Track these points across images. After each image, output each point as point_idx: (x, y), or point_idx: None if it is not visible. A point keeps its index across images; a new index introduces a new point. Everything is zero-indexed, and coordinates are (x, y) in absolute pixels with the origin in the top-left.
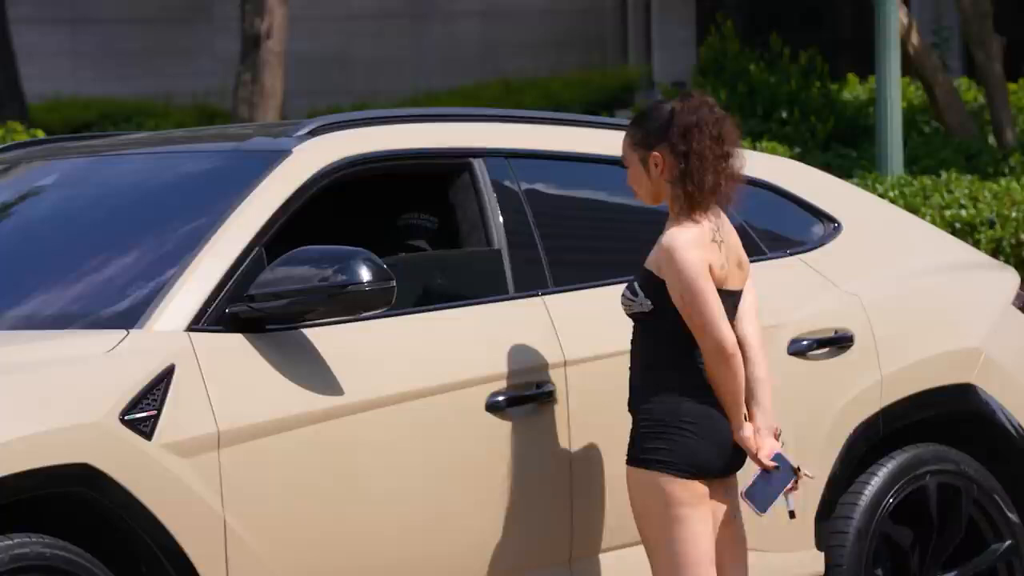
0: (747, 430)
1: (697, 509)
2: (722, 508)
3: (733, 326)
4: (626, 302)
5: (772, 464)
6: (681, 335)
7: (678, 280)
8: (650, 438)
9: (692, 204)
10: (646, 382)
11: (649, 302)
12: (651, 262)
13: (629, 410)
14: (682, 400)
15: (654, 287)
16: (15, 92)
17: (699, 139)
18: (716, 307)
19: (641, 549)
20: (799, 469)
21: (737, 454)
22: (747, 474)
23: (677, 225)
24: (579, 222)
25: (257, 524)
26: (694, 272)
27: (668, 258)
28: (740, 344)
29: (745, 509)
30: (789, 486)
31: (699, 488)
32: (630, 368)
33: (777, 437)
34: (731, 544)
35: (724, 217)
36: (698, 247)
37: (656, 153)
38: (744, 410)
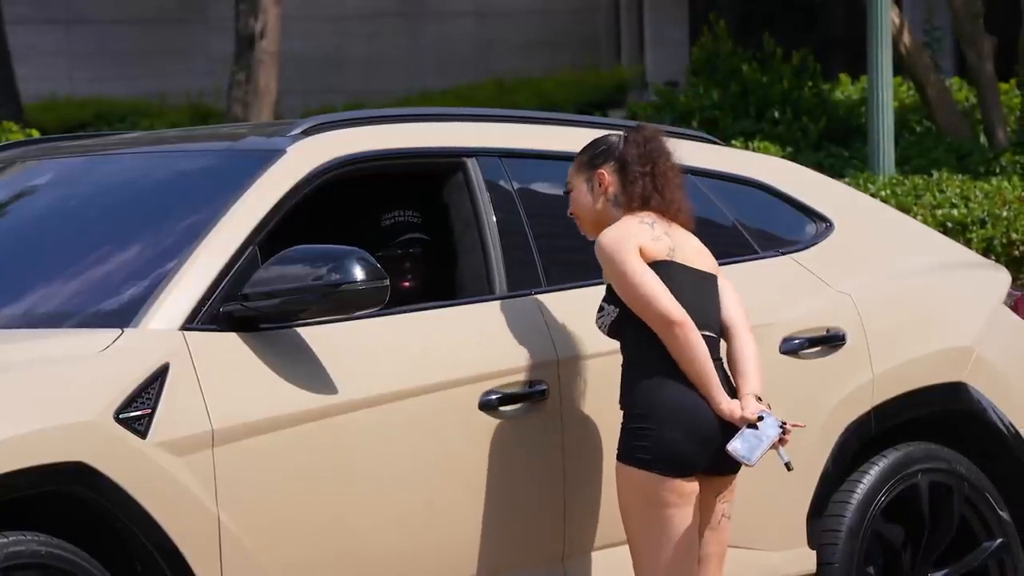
0: (725, 403)
1: (681, 509)
2: (711, 510)
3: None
4: (599, 322)
5: (754, 417)
6: (652, 330)
7: (609, 270)
8: (634, 434)
9: (643, 208)
10: (629, 378)
11: (614, 307)
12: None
13: (620, 406)
14: (662, 392)
15: (613, 293)
16: (11, 92)
17: (662, 160)
18: (651, 281)
19: None
20: (786, 423)
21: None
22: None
23: None
24: (572, 222)
25: (251, 522)
26: (620, 255)
27: (599, 256)
28: (724, 328)
29: (740, 502)
30: (777, 440)
31: (683, 488)
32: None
33: (759, 401)
34: (714, 548)
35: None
36: (620, 232)
37: (600, 171)
38: (718, 385)
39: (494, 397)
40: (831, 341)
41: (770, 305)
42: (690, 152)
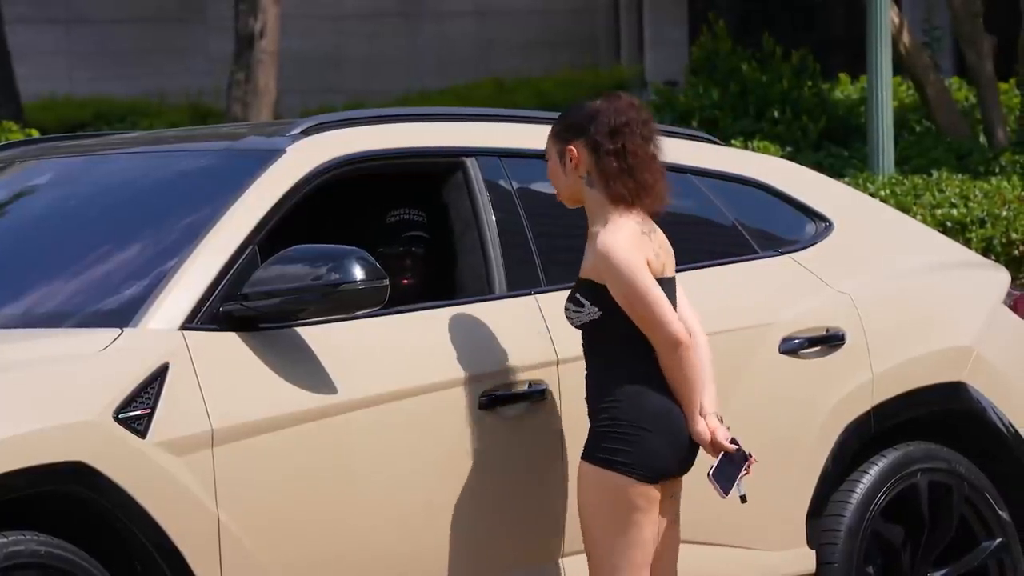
0: (700, 424)
1: (649, 515)
2: (667, 511)
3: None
4: (572, 314)
5: (733, 447)
6: (635, 334)
7: (619, 282)
8: (611, 438)
9: (629, 202)
10: (605, 381)
11: (597, 309)
12: (588, 270)
13: (588, 407)
14: (643, 398)
15: (598, 293)
16: (10, 91)
17: (631, 139)
18: (662, 301)
19: None
20: (750, 455)
21: (691, 455)
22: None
23: (603, 227)
24: (572, 221)
25: (251, 522)
26: (633, 271)
27: (605, 263)
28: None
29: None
30: (743, 472)
31: (652, 493)
32: (586, 367)
33: (720, 422)
34: (669, 546)
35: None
36: (631, 244)
37: (571, 147)
38: (698, 406)
39: (494, 397)
40: (830, 341)
41: (769, 305)
42: (690, 152)
